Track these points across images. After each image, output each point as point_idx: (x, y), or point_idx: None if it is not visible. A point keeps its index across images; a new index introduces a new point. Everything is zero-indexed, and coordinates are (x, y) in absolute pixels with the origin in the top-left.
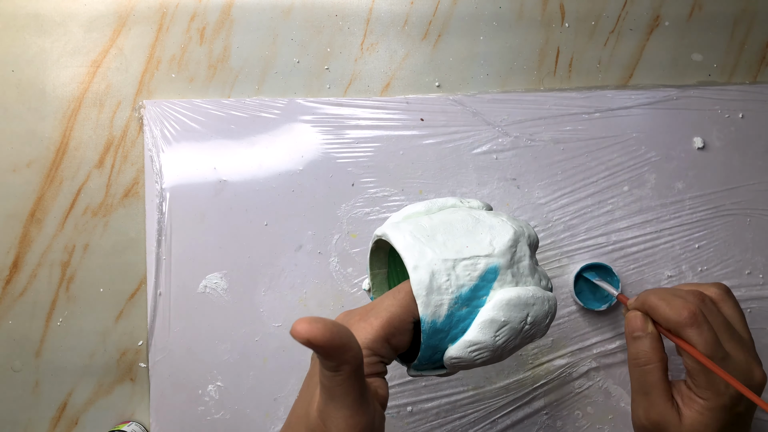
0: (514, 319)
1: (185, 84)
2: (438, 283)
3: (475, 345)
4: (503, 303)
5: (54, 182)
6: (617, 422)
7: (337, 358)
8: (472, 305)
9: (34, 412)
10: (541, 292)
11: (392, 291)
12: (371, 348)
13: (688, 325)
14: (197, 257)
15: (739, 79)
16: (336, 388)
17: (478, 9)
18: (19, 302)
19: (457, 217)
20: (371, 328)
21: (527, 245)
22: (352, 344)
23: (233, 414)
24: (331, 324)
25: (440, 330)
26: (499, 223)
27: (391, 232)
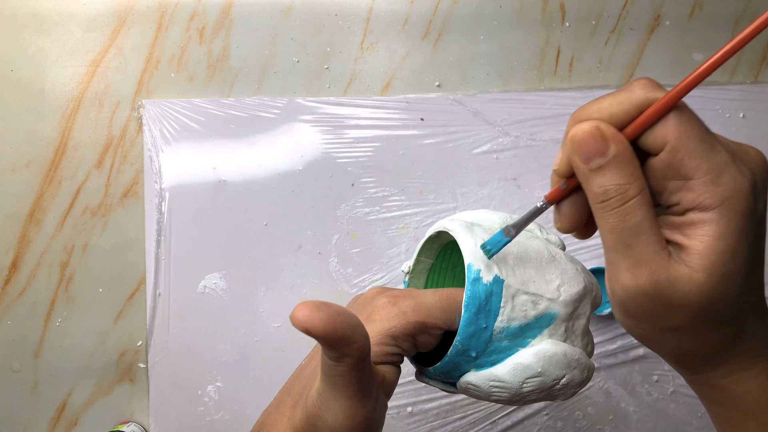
0: (549, 375)
1: (185, 84)
2: (492, 307)
3: (499, 382)
4: (547, 355)
5: (53, 182)
6: (617, 423)
7: (338, 350)
8: (514, 342)
9: (34, 412)
10: (585, 358)
11: (438, 291)
12: (396, 338)
13: (655, 85)
14: (196, 257)
15: (740, 78)
16: (336, 377)
17: (478, 8)
18: (18, 302)
19: (533, 245)
20: (404, 320)
21: (590, 305)
22: (356, 337)
23: (233, 414)
24: (335, 313)
25: (470, 351)
26: (572, 270)
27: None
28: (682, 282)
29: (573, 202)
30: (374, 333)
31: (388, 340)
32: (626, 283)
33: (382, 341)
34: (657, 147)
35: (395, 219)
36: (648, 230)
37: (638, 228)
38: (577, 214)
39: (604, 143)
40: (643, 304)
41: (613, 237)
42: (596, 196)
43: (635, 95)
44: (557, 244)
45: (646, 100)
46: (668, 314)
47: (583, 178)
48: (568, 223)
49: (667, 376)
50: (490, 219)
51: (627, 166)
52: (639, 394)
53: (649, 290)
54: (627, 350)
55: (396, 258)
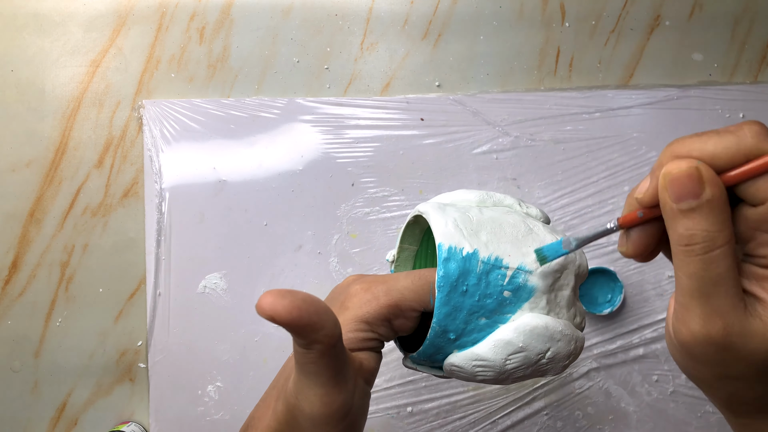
0: (532, 349)
1: (185, 84)
2: (465, 285)
3: (481, 361)
4: (527, 329)
5: (53, 182)
6: (617, 423)
7: (306, 337)
8: (493, 318)
9: (34, 412)
10: (570, 329)
11: (411, 273)
12: (370, 323)
13: (762, 135)
14: (197, 257)
15: (739, 78)
16: (308, 365)
17: (478, 9)
18: (18, 302)
19: (509, 219)
20: (376, 304)
21: (574, 275)
22: (324, 323)
23: (233, 414)
24: (300, 300)
25: (450, 332)
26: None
27: (434, 214)
28: (754, 336)
29: (644, 230)
30: (348, 320)
31: (362, 326)
32: (696, 329)
33: (356, 327)
34: (757, 199)
35: (395, 219)
36: (729, 281)
37: (720, 278)
38: (645, 242)
39: (700, 185)
40: (709, 352)
41: (692, 283)
42: (681, 238)
43: (745, 142)
44: (538, 217)
45: (756, 150)
46: (733, 364)
47: (669, 216)
48: (633, 250)
49: (667, 376)
50: (467, 198)
51: (719, 213)
52: (639, 394)
53: (720, 341)
54: (627, 350)
55: None
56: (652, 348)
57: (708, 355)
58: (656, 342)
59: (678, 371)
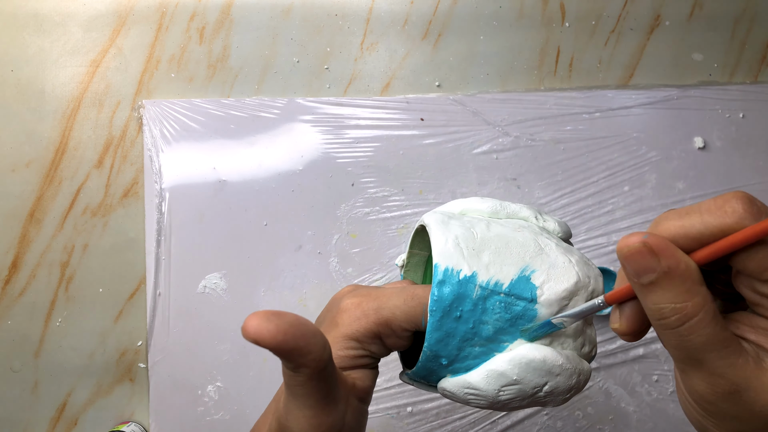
0: (527, 383)
1: (185, 84)
2: (460, 311)
3: (473, 390)
4: (523, 361)
5: (53, 182)
6: (617, 423)
7: (293, 361)
8: (488, 347)
9: (34, 412)
10: (574, 363)
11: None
12: (360, 341)
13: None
14: (197, 257)
15: (739, 78)
16: (296, 387)
17: (478, 9)
18: (18, 302)
19: (518, 237)
20: (366, 321)
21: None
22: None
23: (233, 414)
24: (286, 324)
25: (442, 357)
26: (564, 263)
27: (436, 228)
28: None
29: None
30: (338, 337)
31: (352, 343)
32: (703, 391)
33: (347, 345)
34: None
35: (395, 219)
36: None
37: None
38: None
39: (653, 258)
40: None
41: (679, 353)
42: (652, 313)
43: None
44: (555, 232)
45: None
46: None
47: (637, 291)
48: (627, 326)
49: (667, 376)
50: (479, 208)
51: (681, 283)
52: (639, 394)
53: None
54: (627, 350)
55: (396, 258)
56: (652, 348)
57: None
58: (656, 342)
59: None
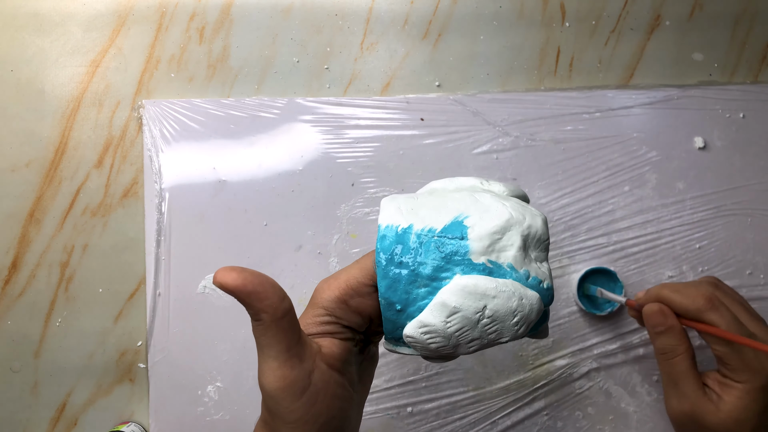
0: (467, 309)
1: (184, 84)
2: (400, 257)
3: (426, 327)
4: (458, 288)
5: (53, 182)
6: (618, 423)
7: (251, 305)
8: (432, 286)
9: (33, 412)
10: (513, 287)
11: (362, 257)
12: (326, 308)
13: (708, 309)
14: (196, 257)
15: (740, 78)
16: (260, 337)
17: (478, 8)
18: (18, 303)
19: (455, 195)
20: (329, 289)
21: (520, 235)
22: (268, 293)
23: (233, 415)
24: (248, 273)
25: (395, 303)
26: (497, 207)
27: (384, 202)
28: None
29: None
30: (308, 310)
31: (318, 311)
32: (676, 407)
33: (315, 313)
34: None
35: None
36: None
37: (682, 373)
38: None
39: (665, 317)
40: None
41: (667, 377)
42: (657, 350)
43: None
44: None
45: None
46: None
47: (651, 335)
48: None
49: None
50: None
51: (676, 334)
52: (639, 395)
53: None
54: (627, 350)
55: None
56: (652, 348)
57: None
58: None
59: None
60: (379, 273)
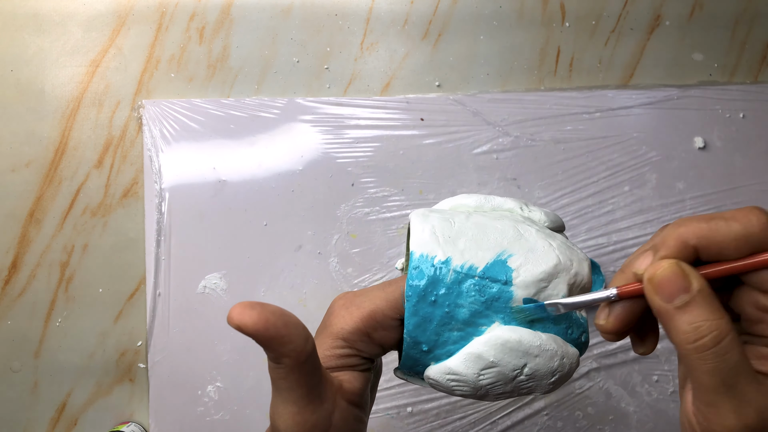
0: (505, 365)
1: (184, 84)
2: (435, 294)
3: (454, 375)
4: (498, 342)
5: (53, 182)
6: (618, 423)
7: (273, 350)
8: (467, 330)
9: (33, 412)
10: (556, 345)
11: (387, 283)
12: (346, 339)
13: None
14: (196, 257)
15: (740, 78)
16: (280, 381)
17: (478, 9)
18: (18, 303)
19: (497, 225)
20: (350, 318)
21: (567, 284)
22: (292, 337)
23: (233, 415)
24: (268, 312)
25: (422, 344)
26: (544, 247)
27: (416, 221)
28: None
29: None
30: (326, 338)
31: (338, 342)
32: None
33: (333, 344)
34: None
35: (395, 219)
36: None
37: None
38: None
39: (686, 279)
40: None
41: (713, 379)
42: (687, 336)
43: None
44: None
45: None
46: None
47: (667, 317)
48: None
49: (667, 376)
50: (465, 203)
51: (713, 300)
52: (639, 394)
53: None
54: (627, 350)
55: (396, 258)
56: None
57: None
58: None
59: None
60: (409, 309)
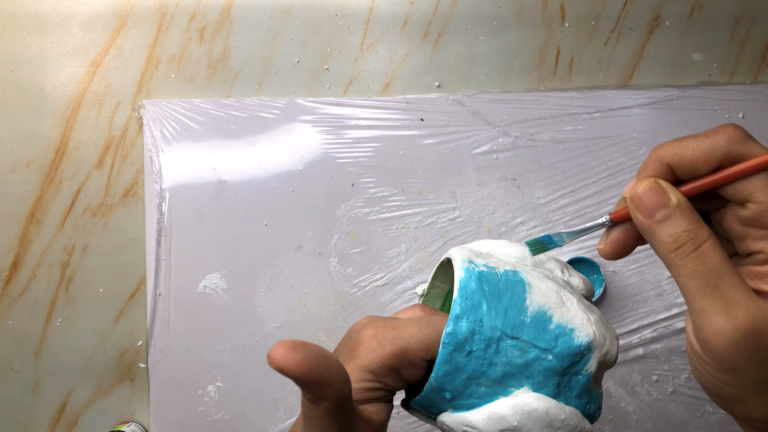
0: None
1: (185, 84)
2: (472, 347)
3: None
4: (526, 409)
5: (53, 182)
6: (617, 423)
7: (315, 392)
8: (494, 389)
9: (34, 412)
10: (576, 420)
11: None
12: (375, 373)
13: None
14: (197, 257)
15: (739, 79)
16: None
17: (478, 9)
18: (18, 303)
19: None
20: (382, 353)
21: (597, 362)
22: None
23: (233, 414)
24: (312, 355)
25: (447, 391)
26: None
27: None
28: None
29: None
30: (355, 369)
31: (367, 375)
32: (722, 326)
33: (363, 378)
34: (740, 198)
35: (395, 219)
36: (730, 269)
37: (720, 267)
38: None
39: (665, 195)
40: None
41: (696, 282)
42: (668, 245)
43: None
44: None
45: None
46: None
47: (649, 232)
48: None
49: (667, 376)
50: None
51: (690, 213)
52: (639, 394)
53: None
54: (626, 350)
55: (396, 258)
56: (651, 348)
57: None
58: (656, 342)
59: (678, 371)
60: (443, 356)
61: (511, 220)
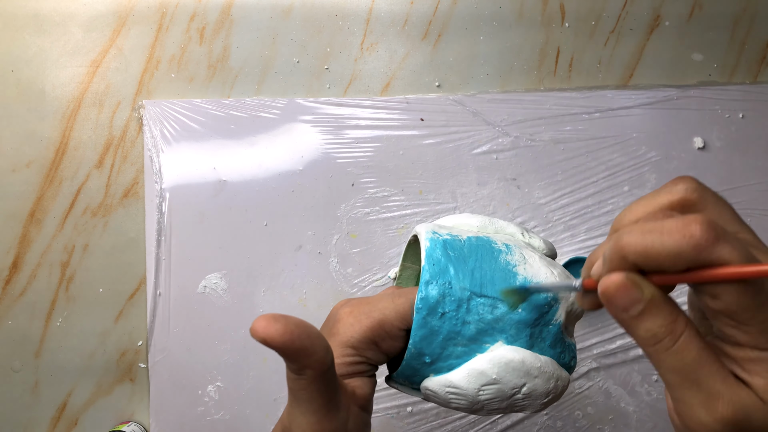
0: (506, 383)
1: (185, 84)
2: (444, 309)
3: (454, 388)
4: (502, 361)
5: (53, 182)
6: (617, 422)
7: (297, 361)
8: (470, 347)
9: (34, 412)
10: (552, 367)
11: (392, 293)
12: (355, 348)
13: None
14: (197, 257)
15: (739, 79)
16: (300, 391)
17: (478, 9)
18: (18, 302)
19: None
20: (359, 326)
21: (565, 312)
22: (315, 348)
23: (233, 414)
24: (293, 325)
25: (426, 355)
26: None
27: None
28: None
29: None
30: (336, 346)
31: (348, 350)
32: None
33: (343, 353)
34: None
35: (395, 219)
36: (709, 359)
37: (698, 361)
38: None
39: (637, 290)
40: None
41: (677, 377)
42: (646, 341)
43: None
44: (541, 249)
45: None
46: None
47: (626, 325)
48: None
49: None
50: (468, 222)
51: (665, 305)
52: (639, 394)
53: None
54: (627, 350)
55: (396, 258)
56: None
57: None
58: None
59: None
60: (418, 321)
61: (511, 220)
